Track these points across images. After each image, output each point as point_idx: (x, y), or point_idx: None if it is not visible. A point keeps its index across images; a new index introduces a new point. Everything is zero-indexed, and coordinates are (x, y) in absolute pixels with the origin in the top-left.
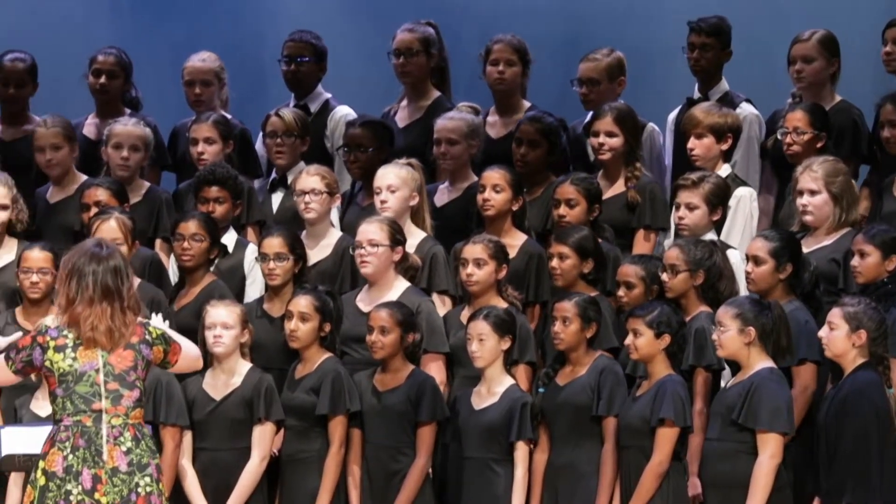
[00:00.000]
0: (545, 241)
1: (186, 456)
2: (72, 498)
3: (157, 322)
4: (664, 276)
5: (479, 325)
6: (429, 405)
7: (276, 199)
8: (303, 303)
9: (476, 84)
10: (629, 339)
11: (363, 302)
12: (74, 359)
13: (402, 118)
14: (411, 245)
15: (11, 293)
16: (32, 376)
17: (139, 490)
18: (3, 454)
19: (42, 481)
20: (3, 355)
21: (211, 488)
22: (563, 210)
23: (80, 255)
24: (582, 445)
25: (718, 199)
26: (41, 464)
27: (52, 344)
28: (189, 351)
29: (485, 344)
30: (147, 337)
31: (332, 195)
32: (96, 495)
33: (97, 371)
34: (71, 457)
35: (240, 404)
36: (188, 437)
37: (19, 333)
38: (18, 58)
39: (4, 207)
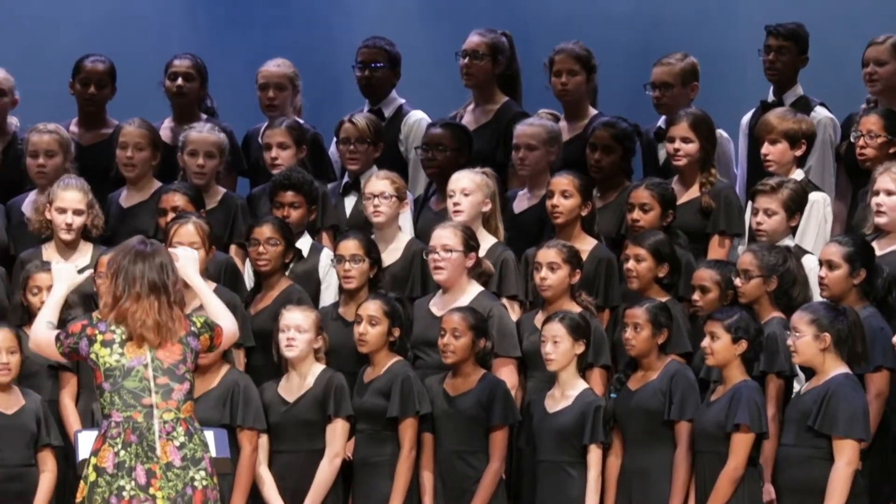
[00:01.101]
0: (618, 247)
1: (263, 461)
2: (125, 493)
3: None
4: (737, 281)
5: (554, 328)
6: (500, 409)
7: (349, 203)
8: (372, 307)
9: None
10: (706, 342)
11: (436, 306)
12: (122, 354)
13: (468, 122)
14: (483, 250)
15: (88, 298)
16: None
17: (195, 484)
18: (79, 459)
19: (93, 477)
20: (55, 333)
21: (288, 491)
22: (636, 214)
23: (125, 254)
24: (654, 450)
25: (797, 205)
26: (92, 460)
27: (99, 338)
28: (229, 328)
29: (559, 346)
30: (193, 329)
31: (400, 200)
32: (151, 490)
33: (145, 366)
34: (123, 452)
35: (312, 405)
36: (264, 440)
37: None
38: (99, 59)
39: (80, 212)
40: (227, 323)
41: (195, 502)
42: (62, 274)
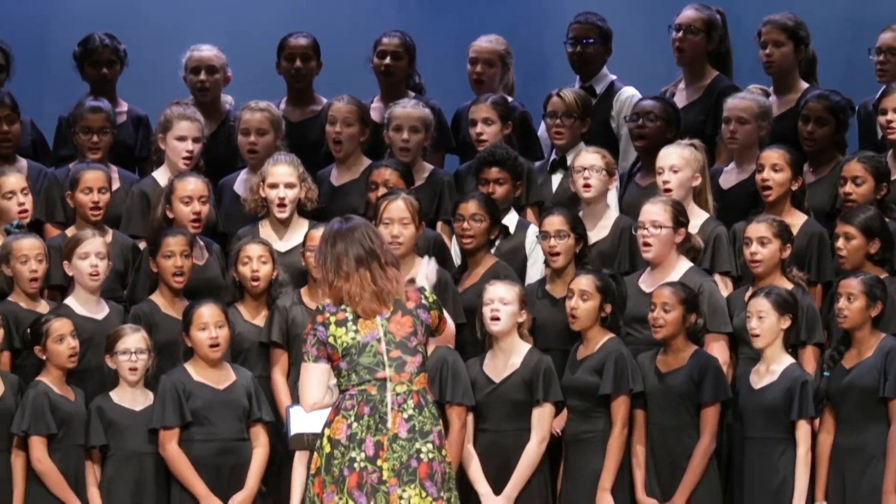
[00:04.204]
0: (832, 222)
1: (469, 439)
2: (355, 465)
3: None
4: None
5: (760, 303)
6: (712, 386)
7: (556, 179)
8: (584, 282)
9: (758, 65)
10: None
11: (645, 283)
12: (356, 331)
13: (679, 99)
14: (694, 226)
15: (300, 274)
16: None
17: (421, 456)
18: (292, 433)
19: (328, 448)
20: (303, 360)
21: (492, 469)
22: (849, 188)
23: (325, 240)
24: (869, 428)
25: None
26: (326, 431)
27: (332, 319)
28: (451, 325)
29: (764, 322)
30: (423, 301)
31: (609, 175)
32: (378, 461)
33: (379, 341)
34: (355, 425)
35: (519, 386)
36: (470, 417)
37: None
38: (301, 34)
39: (291, 186)
40: (451, 320)
41: (420, 474)
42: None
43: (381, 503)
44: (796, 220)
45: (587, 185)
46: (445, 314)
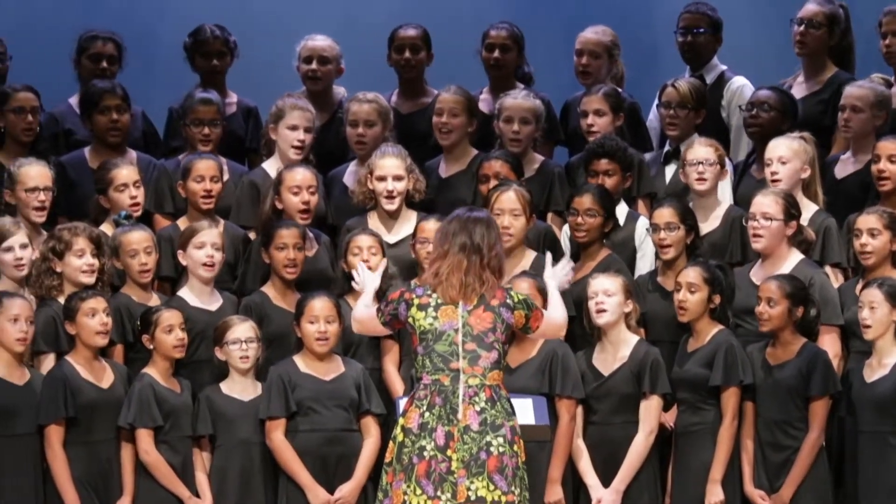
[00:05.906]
0: None
1: (579, 433)
2: (425, 454)
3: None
4: None
5: (872, 293)
6: (821, 379)
7: (669, 171)
8: (692, 274)
9: (873, 58)
10: None
11: (756, 275)
12: (435, 318)
13: (798, 92)
14: (804, 218)
15: (409, 266)
16: None
17: (491, 449)
18: None
19: (400, 437)
20: (375, 306)
21: (600, 461)
22: None
23: (448, 220)
24: None
25: None
26: (401, 420)
27: (416, 301)
28: (553, 319)
29: (875, 313)
30: (508, 301)
31: (722, 167)
32: (448, 452)
33: (456, 331)
34: (427, 414)
35: (628, 378)
36: (579, 410)
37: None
38: (412, 26)
39: (399, 178)
40: (556, 313)
41: (489, 467)
42: (369, 282)
43: (448, 493)
44: None
45: (701, 179)
46: (547, 310)
